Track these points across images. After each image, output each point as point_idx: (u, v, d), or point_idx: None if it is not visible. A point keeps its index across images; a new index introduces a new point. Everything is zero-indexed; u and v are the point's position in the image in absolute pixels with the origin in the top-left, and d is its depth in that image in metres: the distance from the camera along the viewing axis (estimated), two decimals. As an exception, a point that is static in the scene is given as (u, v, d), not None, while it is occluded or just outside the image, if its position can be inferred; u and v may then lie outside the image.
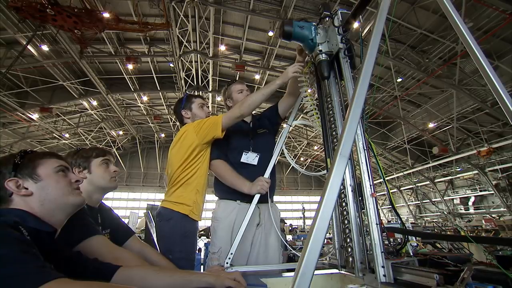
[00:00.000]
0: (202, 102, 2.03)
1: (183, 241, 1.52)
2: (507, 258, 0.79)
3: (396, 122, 16.58)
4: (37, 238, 0.71)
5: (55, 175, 0.87)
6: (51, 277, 0.56)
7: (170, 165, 1.74)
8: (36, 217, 0.78)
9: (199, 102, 2.02)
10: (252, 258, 1.61)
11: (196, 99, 2.04)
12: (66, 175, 0.91)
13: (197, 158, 1.67)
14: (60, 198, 0.85)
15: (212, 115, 1.95)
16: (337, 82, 1.19)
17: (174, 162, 1.69)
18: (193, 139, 1.65)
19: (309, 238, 0.45)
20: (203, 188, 1.72)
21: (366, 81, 0.60)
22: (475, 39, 0.91)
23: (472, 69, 11.49)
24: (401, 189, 21.63)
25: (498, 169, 14.55)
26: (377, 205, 0.99)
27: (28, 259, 0.59)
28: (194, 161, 1.66)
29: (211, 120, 1.67)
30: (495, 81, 0.83)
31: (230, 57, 13.28)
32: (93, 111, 16.35)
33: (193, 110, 1.98)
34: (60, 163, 0.90)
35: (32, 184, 0.82)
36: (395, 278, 0.98)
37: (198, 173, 1.67)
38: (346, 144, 0.50)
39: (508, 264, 0.71)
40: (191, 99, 2.03)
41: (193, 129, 1.69)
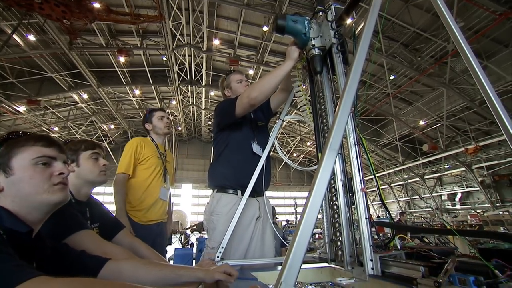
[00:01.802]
0: (161, 115, 2.38)
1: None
2: (488, 250, 0.82)
3: (388, 119, 16.81)
4: (14, 236, 0.66)
5: (31, 168, 0.75)
6: (25, 277, 0.52)
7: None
8: (11, 215, 0.70)
9: (159, 115, 2.37)
10: (250, 252, 1.59)
11: (156, 112, 2.39)
12: (48, 167, 0.78)
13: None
14: (33, 196, 0.74)
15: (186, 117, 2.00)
16: (329, 77, 1.19)
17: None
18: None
19: (298, 231, 0.45)
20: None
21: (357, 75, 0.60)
22: (465, 39, 0.92)
23: (462, 68, 11.71)
24: (391, 185, 22.05)
25: (484, 167, 15.04)
26: (367, 200, 1.00)
27: (2, 259, 0.55)
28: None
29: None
30: (483, 80, 0.84)
31: (224, 52, 13.15)
32: (84, 104, 16.00)
33: (153, 122, 2.35)
34: (42, 153, 0.78)
35: (3, 177, 0.73)
36: (383, 271, 1.00)
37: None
38: (336, 137, 0.50)
39: (489, 256, 0.73)
40: (152, 113, 2.39)
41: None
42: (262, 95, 1.42)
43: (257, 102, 1.44)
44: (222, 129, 1.70)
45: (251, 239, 1.59)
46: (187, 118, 21.70)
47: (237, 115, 1.52)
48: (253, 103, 1.44)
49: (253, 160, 1.62)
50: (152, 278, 0.86)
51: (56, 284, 0.47)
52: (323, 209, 1.16)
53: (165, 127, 2.37)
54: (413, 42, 11.70)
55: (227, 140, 1.69)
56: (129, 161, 2.09)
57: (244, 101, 1.46)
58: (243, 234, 1.56)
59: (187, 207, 24.32)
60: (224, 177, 1.64)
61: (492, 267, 0.68)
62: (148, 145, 2.26)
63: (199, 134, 25.42)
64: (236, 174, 1.61)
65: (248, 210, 1.60)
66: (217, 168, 1.69)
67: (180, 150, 26.10)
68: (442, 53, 11.33)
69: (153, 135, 2.37)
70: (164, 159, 2.32)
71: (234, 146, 1.67)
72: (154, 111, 2.41)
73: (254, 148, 1.68)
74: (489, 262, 0.70)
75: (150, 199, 2.10)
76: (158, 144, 2.34)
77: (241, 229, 1.55)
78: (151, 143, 2.30)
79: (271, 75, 1.42)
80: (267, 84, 1.41)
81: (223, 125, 1.68)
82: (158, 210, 2.14)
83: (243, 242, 1.55)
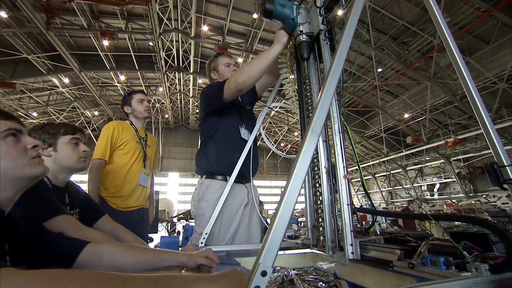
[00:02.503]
0: (141, 98, 2.28)
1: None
2: (459, 234, 0.87)
3: (374, 111, 17.16)
4: None
5: (2, 143, 0.69)
6: None
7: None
8: None
9: (138, 98, 2.27)
10: (236, 238, 1.59)
11: (135, 94, 2.29)
12: (18, 141, 0.73)
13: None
14: (13, 172, 0.69)
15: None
16: (316, 64, 1.18)
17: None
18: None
19: (277, 213, 0.46)
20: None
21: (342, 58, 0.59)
22: (451, 34, 0.94)
23: (446, 63, 12.03)
24: (375, 176, 22.77)
25: (461, 159, 15.82)
26: (349, 187, 1.02)
27: None
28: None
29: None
30: (466, 76, 0.87)
31: (212, 39, 12.82)
32: (65, 89, 15.27)
33: (132, 105, 2.25)
34: (7, 126, 0.71)
35: None
36: (362, 255, 1.04)
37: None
38: (318, 120, 0.50)
39: (459, 239, 0.77)
40: (131, 95, 2.29)
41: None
42: (250, 79, 1.38)
43: (245, 87, 1.41)
44: (209, 114, 1.66)
45: (238, 225, 1.60)
46: (174, 105, 21.26)
47: (224, 100, 1.48)
48: (241, 88, 1.41)
49: (242, 145, 1.60)
50: (133, 262, 0.84)
51: (20, 277, 0.42)
52: (306, 196, 1.18)
53: (145, 110, 2.28)
54: (401, 35, 11.84)
55: (215, 125, 1.65)
56: (105, 146, 2.00)
57: (231, 86, 1.42)
58: (231, 221, 1.55)
59: (174, 195, 24.20)
60: (213, 163, 1.60)
61: (461, 248, 0.72)
62: (126, 129, 2.17)
63: (187, 122, 25.04)
64: (225, 160, 1.58)
65: (237, 196, 1.59)
66: (206, 154, 1.65)
67: (167, 138, 25.69)
68: (428, 48, 11.56)
69: (132, 119, 2.27)
70: (144, 143, 2.24)
71: (222, 131, 1.63)
72: (133, 93, 2.31)
73: (242, 133, 1.66)
74: (459, 244, 0.74)
75: (130, 185, 2.04)
76: (138, 128, 2.25)
77: (229, 215, 1.54)
78: (129, 127, 2.21)
79: (259, 59, 1.38)
80: (255, 68, 1.37)
81: (210, 110, 1.63)
82: (138, 197, 2.09)
83: (230, 229, 1.55)
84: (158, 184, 24.22)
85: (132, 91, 2.35)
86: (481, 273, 0.63)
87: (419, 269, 0.79)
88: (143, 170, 2.15)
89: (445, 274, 0.69)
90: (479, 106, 0.83)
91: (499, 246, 0.77)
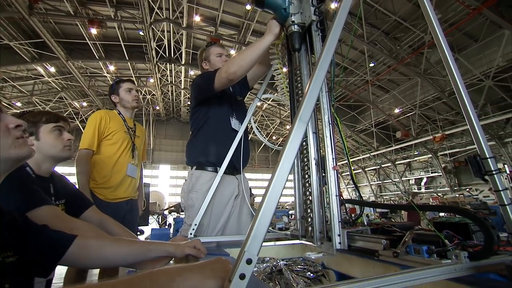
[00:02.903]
0: (129, 87, 2.22)
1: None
2: (441, 223, 0.90)
3: (365, 106, 17.36)
4: None
5: None
6: None
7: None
8: None
9: (126, 87, 2.21)
10: (226, 229, 1.59)
11: (123, 83, 2.23)
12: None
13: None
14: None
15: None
16: (308, 55, 1.17)
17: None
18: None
19: (264, 200, 0.45)
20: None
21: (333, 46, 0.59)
22: (442, 31, 0.95)
23: (436, 60, 12.23)
24: (365, 169, 23.21)
25: (448, 154, 16.29)
26: (338, 178, 1.04)
27: None
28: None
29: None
30: (455, 72, 0.88)
31: (205, 29, 12.58)
32: (51, 78, 14.74)
33: (120, 94, 2.20)
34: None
35: None
36: (349, 245, 1.06)
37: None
38: (306, 109, 0.50)
39: (442, 228, 0.80)
40: (119, 84, 2.23)
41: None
42: (241, 69, 1.37)
43: (236, 77, 1.40)
44: (200, 104, 1.64)
45: (229, 216, 1.60)
46: (165, 97, 20.92)
47: (215, 89, 1.47)
48: (232, 78, 1.40)
49: (232, 136, 1.59)
50: (121, 254, 0.83)
51: None
52: (295, 187, 1.19)
53: (133, 100, 2.22)
54: (393, 30, 11.92)
55: (205, 115, 1.63)
56: (92, 136, 1.95)
57: (222, 76, 1.41)
58: (221, 212, 1.55)
59: (165, 188, 24.08)
60: (203, 154, 1.59)
61: (443, 237, 0.74)
62: (114, 118, 2.11)
63: (178, 114, 24.73)
64: (215, 151, 1.57)
65: (228, 187, 1.59)
66: (196, 144, 1.63)
67: (158, 130, 25.36)
68: (420, 44, 11.70)
69: (120, 108, 2.22)
70: (133, 133, 2.19)
71: (213, 122, 1.62)
72: (121, 82, 2.24)
73: (233, 123, 1.65)
74: (441, 233, 0.76)
75: (118, 176, 2.00)
76: (126, 118, 2.20)
77: (219, 206, 1.54)
78: (117, 117, 2.16)
79: (251, 49, 1.37)
80: (246, 58, 1.36)
81: (201, 100, 1.62)
82: (127, 188, 2.06)
83: (221, 220, 1.55)
84: (149, 176, 24.01)
85: (120, 79, 2.28)
86: (461, 260, 0.65)
87: (403, 257, 0.81)
88: (131, 160, 2.11)
89: (427, 262, 0.72)
90: (466, 102, 0.85)
91: (479, 235, 0.80)
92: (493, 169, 0.76)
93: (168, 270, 0.47)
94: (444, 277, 0.62)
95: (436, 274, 0.61)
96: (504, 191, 0.73)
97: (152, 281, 0.45)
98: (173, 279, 0.45)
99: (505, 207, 0.72)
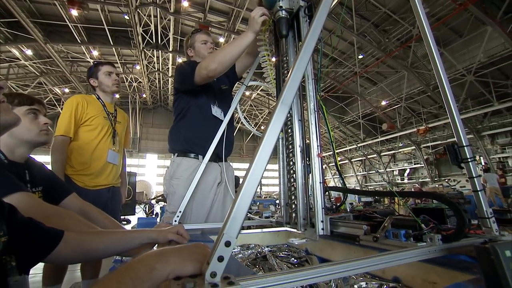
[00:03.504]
0: (109, 70, 2.10)
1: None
2: (419, 209, 0.94)
3: (353, 97, 17.58)
4: None
5: None
6: None
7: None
8: None
9: (106, 70, 2.09)
10: (211, 217, 1.61)
11: (103, 66, 2.11)
12: None
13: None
14: None
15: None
16: (295, 42, 1.16)
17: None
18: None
19: (243, 183, 0.45)
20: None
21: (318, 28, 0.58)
22: (429, 25, 0.95)
23: (423, 54, 12.46)
24: (352, 160, 23.76)
25: (430, 146, 16.90)
26: (322, 165, 1.05)
27: None
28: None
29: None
30: (439, 66, 0.90)
31: (193, 15, 12.17)
32: (28, 62, 13.92)
33: (99, 78, 2.09)
34: None
35: None
36: (332, 231, 1.09)
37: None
38: (289, 92, 0.49)
39: (419, 213, 0.83)
40: (98, 66, 2.11)
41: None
42: (221, 66, 1.40)
43: (216, 74, 1.43)
44: (181, 92, 1.65)
45: (212, 204, 1.61)
46: (152, 85, 20.32)
47: (196, 84, 1.49)
48: (212, 75, 1.43)
49: (213, 123, 1.61)
50: (104, 245, 0.80)
51: None
52: (280, 174, 1.20)
53: (113, 84, 2.10)
54: (383, 23, 11.98)
55: (187, 103, 1.64)
56: (68, 122, 1.85)
57: (203, 72, 1.43)
58: (204, 199, 1.56)
59: (152, 177, 23.77)
60: (184, 141, 1.60)
61: (420, 221, 0.77)
62: (92, 103, 2.02)
63: (165, 102, 24.16)
64: (196, 137, 1.59)
65: (209, 174, 1.60)
66: (177, 132, 1.65)
67: (145, 119, 24.77)
68: (408, 37, 11.85)
69: (100, 93, 2.11)
70: (114, 119, 2.11)
71: (193, 109, 1.63)
72: (100, 64, 2.13)
73: (214, 110, 1.65)
74: (418, 218, 0.79)
75: (98, 163, 1.93)
76: (106, 103, 2.10)
77: (201, 193, 1.54)
78: (96, 102, 2.06)
79: (231, 47, 1.39)
80: (227, 56, 1.38)
81: (182, 90, 1.64)
82: (108, 175, 2.00)
83: (204, 207, 1.56)
84: (136, 166, 23.60)
85: (98, 62, 2.18)
86: (435, 242, 0.68)
87: (382, 241, 0.84)
88: (112, 147, 2.03)
89: (404, 245, 0.75)
90: (449, 95, 0.87)
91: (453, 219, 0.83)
92: (469, 156, 0.78)
93: (147, 260, 0.46)
94: (419, 258, 0.65)
95: (411, 256, 0.64)
96: (477, 178, 0.76)
97: (132, 271, 0.44)
98: (153, 268, 0.44)
99: (477, 192, 0.75)
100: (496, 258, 0.45)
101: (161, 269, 0.44)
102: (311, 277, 0.48)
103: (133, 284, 0.41)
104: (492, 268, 0.46)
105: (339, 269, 0.53)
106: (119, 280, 0.42)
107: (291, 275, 0.46)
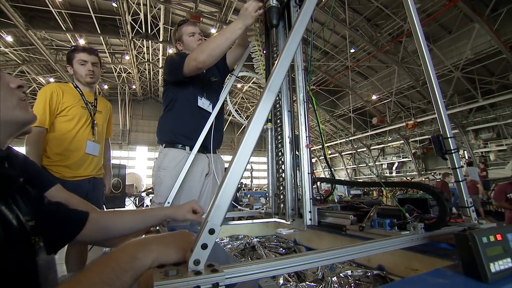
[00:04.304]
0: (83, 59, 1.96)
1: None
2: (404, 199, 0.97)
3: (344, 91, 17.72)
4: None
5: None
6: None
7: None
8: None
9: (80, 58, 1.95)
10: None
11: (78, 54, 1.96)
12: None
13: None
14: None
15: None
16: (286, 32, 1.14)
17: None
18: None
19: (228, 170, 0.45)
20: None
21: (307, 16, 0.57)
22: (420, 20, 0.96)
23: (413, 49, 12.61)
24: (342, 154, 24.12)
25: (418, 140, 17.32)
26: (311, 156, 1.05)
27: None
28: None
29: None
30: (428, 62, 0.91)
31: (184, 5, 11.84)
32: (8, 49, 13.28)
33: (74, 66, 1.97)
34: None
35: None
36: (319, 221, 1.10)
37: None
38: (275, 80, 0.49)
39: (404, 203, 0.85)
40: (74, 53, 1.97)
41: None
42: (210, 59, 1.39)
43: (205, 66, 1.42)
44: (170, 83, 1.65)
45: (200, 195, 1.61)
46: (142, 76, 19.86)
47: (184, 75, 1.48)
48: (201, 67, 1.42)
49: (200, 114, 1.61)
50: (127, 223, 0.86)
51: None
52: (269, 165, 1.20)
53: (87, 75, 1.96)
54: (375, 17, 12.02)
55: (175, 94, 1.64)
56: (43, 112, 1.77)
57: (191, 64, 1.42)
58: (192, 190, 1.56)
59: (142, 170, 23.47)
60: (170, 132, 1.61)
61: (404, 211, 0.79)
62: (69, 92, 1.92)
63: (156, 94, 23.71)
64: (182, 129, 1.59)
65: (196, 165, 1.59)
66: (165, 123, 1.65)
67: (135, 110, 24.28)
68: (399, 32, 11.96)
69: (76, 82, 2.01)
70: (93, 108, 2.02)
71: (181, 101, 1.63)
72: (76, 51, 1.97)
73: (201, 102, 1.64)
74: (403, 207, 0.81)
75: (76, 154, 1.86)
76: (84, 92, 1.99)
77: (189, 184, 1.54)
78: (73, 90, 1.96)
79: (221, 38, 1.37)
80: (216, 48, 1.37)
81: (171, 81, 1.63)
82: (88, 166, 1.93)
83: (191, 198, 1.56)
84: (126, 158, 23.23)
85: (75, 47, 2.02)
86: (417, 231, 0.70)
87: (368, 231, 0.86)
88: (91, 137, 1.96)
89: (389, 234, 0.77)
90: (436, 91, 0.89)
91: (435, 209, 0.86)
92: (452, 148, 0.80)
93: (129, 249, 0.45)
94: (401, 246, 0.66)
95: (394, 244, 0.66)
96: (459, 169, 0.78)
97: (114, 261, 0.43)
98: (135, 257, 0.43)
99: (459, 183, 0.78)
100: (473, 244, 0.47)
101: (143, 258, 0.44)
102: (295, 264, 0.49)
103: (115, 273, 0.41)
104: (470, 254, 0.47)
105: (324, 257, 0.54)
106: (101, 270, 0.42)
107: (275, 263, 0.47)
